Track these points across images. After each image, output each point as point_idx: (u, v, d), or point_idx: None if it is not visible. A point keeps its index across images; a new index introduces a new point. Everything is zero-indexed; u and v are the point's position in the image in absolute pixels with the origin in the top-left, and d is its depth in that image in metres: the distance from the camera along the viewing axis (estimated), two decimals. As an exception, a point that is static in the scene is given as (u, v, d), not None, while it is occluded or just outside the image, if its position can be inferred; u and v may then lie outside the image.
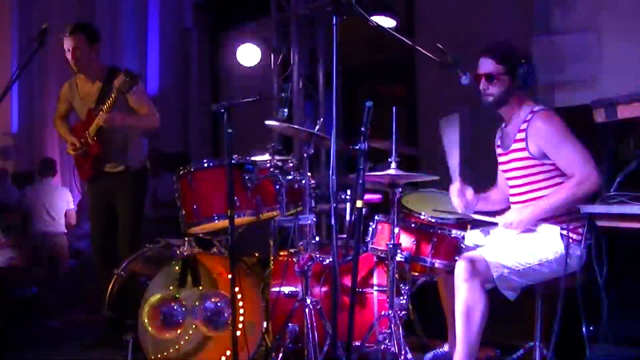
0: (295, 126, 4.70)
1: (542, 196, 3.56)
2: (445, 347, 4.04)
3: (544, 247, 3.50)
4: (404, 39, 3.77)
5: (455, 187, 3.82)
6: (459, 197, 3.80)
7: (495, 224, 3.70)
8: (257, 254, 5.30)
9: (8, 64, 13.03)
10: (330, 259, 3.82)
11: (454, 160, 3.79)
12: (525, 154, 3.60)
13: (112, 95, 4.73)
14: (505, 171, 3.78)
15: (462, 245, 3.69)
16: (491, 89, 3.63)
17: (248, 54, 8.18)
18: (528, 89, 3.69)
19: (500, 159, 3.82)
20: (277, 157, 4.11)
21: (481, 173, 3.88)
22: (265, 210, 4.08)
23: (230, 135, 3.58)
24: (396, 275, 3.81)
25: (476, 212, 3.81)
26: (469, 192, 3.81)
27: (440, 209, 3.91)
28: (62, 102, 5.36)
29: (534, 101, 3.70)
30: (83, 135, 5.05)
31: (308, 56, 7.86)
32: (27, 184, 9.44)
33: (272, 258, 4.58)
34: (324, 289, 4.19)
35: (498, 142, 3.87)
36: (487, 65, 3.63)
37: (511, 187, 3.75)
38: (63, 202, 8.59)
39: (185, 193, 4.14)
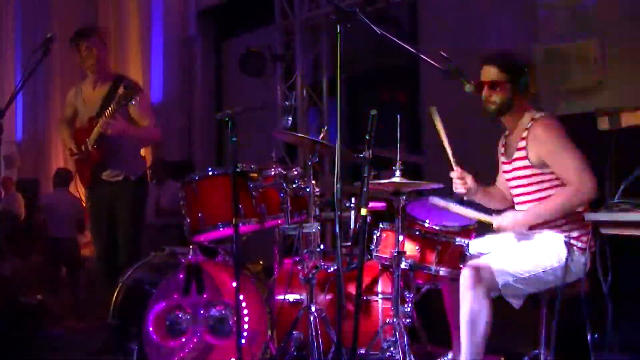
0: (300, 134, 4.70)
1: None
2: (450, 355, 4.04)
3: (549, 255, 3.49)
4: (408, 47, 3.77)
5: (455, 174, 3.79)
6: (460, 183, 3.78)
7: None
8: (261, 262, 5.30)
9: (12, 71, 13.09)
10: (335, 267, 3.83)
11: (448, 148, 3.77)
12: (526, 162, 3.59)
13: (113, 104, 4.75)
14: (509, 180, 3.77)
15: (466, 252, 3.69)
16: (494, 96, 3.62)
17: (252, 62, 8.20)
18: (531, 96, 3.69)
19: (504, 168, 3.81)
20: (281, 165, 4.12)
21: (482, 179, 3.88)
22: (270, 219, 4.09)
23: (235, 144, 3.58)
24: (400, 283, 3.81)
25: (476, 209, 3.79)
26: (469, 179, 3.79)
27: (445, 219, 3.92)
28: (68, 107, 5.39)
29: (535, 108, 3.69)
30: (83, 141, 5.06)
31: (312, 64, 7.89)
32: (37, 193, 9.56)
33: (276, 266, 4.58)
34: (328, 296, 4.20)
35: (502, 151, 3.86)
36: (490, 73, 3.62)
37: (515, 195, 3.75)
38: (75, 209, 8.68)
39: (190, 201, 4.15)
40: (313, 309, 3.88)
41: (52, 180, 9.18)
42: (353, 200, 4.37)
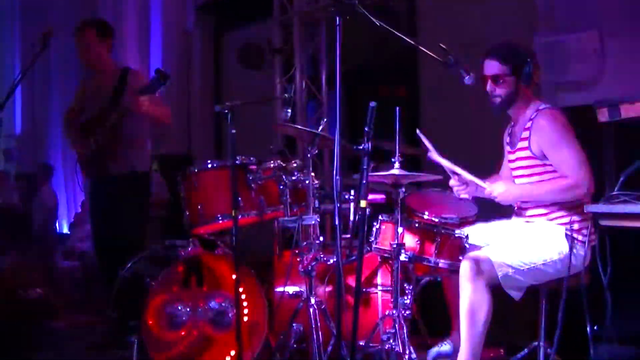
0: (299, 127, 4.70)
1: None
2: (447, 343, 4.03)
3: (549, 247, 3.50)
4: (407, 39, 3.76)
5: (453, 182, 3.83)
6: (460, 189, 3.81)
7: (495, 218, 3.70)
8: (261, 254, 5.30)
9: (11, 65, 13.07)
10: (335, 259, 3.83)
11: (442, 160, 3.79)
12: (528, 152, 3.60)
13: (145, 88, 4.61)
14: (512, 169, 3.78)
15: (466, 244, 3.69)
16: (498, 90, 3.62)
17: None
18: (534, 86, 3.68)
19: (508, 157, 3.83)
20: (280, 158, 4.13)
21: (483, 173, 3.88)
22: (269, 211, 4.09)
23: (234, 136, 3.58)
24: (400, 275, 3.81)
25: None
26: (469, 185, 3.83)
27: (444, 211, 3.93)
28: (76, 100, 5.32)
29: (540, 99, 3.70)
30: (95, 132, 4.99)
31: (311, 57, 7.88)
32: (31, 188, 9.61)
33: (276, 258, 4.58)
34: (328, 289, 4.20)
35: (507, 140, 3.86)
36: (492, 66, 3.62)
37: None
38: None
39: (189, 194, 4.14)
40: (313, 301, 3.88)
41: (41, 176, 9.22)
42: (352, 192, 4.37)
